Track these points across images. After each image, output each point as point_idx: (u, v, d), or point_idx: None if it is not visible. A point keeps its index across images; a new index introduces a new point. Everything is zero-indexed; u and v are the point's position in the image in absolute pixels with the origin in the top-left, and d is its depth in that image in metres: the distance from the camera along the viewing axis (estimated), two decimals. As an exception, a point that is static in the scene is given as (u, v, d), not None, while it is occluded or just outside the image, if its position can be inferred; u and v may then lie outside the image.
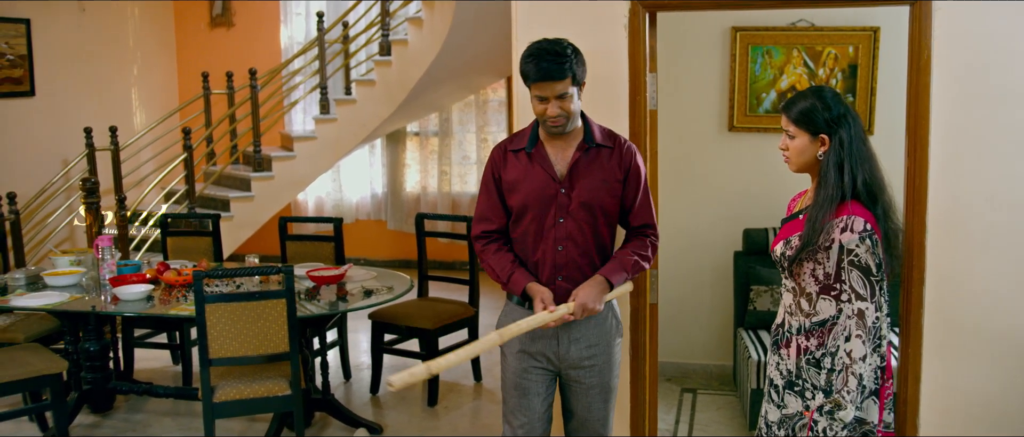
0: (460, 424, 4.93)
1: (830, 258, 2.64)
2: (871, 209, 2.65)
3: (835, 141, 2.64)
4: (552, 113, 2.86)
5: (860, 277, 2.61)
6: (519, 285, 2.96)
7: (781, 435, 2.79)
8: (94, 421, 5.01)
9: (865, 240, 2.59)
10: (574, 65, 2.82)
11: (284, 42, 8.98)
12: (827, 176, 2.64)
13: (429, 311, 5.22)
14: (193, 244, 5.83)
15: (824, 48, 5.19)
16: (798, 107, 2.69)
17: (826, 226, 2.61)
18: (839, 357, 2.63)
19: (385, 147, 9.00)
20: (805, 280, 2.71)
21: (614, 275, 2.96)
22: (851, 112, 2.68)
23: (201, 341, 3.96)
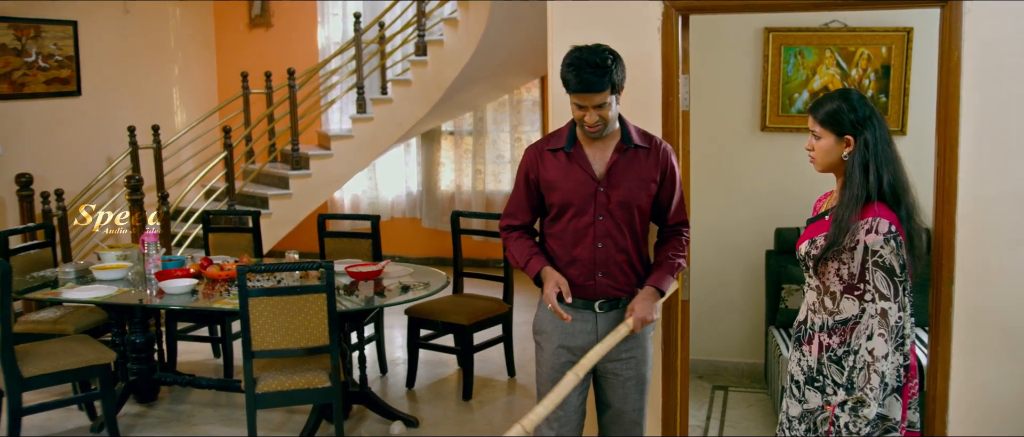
0: (494, 418, 5.03)
1: (855, 258, 2.69)
2: (895, 210, 2.69)
3: (860, 142, 2.69)
4: (590, 121, 2.95)
5: (884, 278, 2.65)
6: (534, 269, 3.07)
7: (802, 429, 2.85)
8: (140, 411, 5.17)
9: (890, 242, 2.64)
10: (614, 75, 2.89)
11: (321, 42, 9.12)
12: (852, 176, 2.69)
13: (464, 307, 5.32)
14: (234, 240, 5.97)
15: (857, 49, 5.22)
16: (825, 109, 2.75)
17: (852, 227, 2.66)
18: (861, 355, 2.68)
19: (420, 146, 9.12)
20: (830, 279, 2.77)
21: (663, 282, 3.08)
22: (877, 114, 2.73)
23: (244, 334, 4.09)
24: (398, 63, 8.07)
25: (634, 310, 3.01)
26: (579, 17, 3.45)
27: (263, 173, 7.99)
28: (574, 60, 2.90)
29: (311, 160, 7.66)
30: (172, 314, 5.63)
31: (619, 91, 2.96)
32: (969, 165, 3.23)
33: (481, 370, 5.63)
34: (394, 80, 7.57)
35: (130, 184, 6.82)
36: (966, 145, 3.22)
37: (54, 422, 5.01)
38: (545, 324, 3.16)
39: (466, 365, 5.30)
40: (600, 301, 3.09)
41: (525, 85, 8.49)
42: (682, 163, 3.46)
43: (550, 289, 2.98)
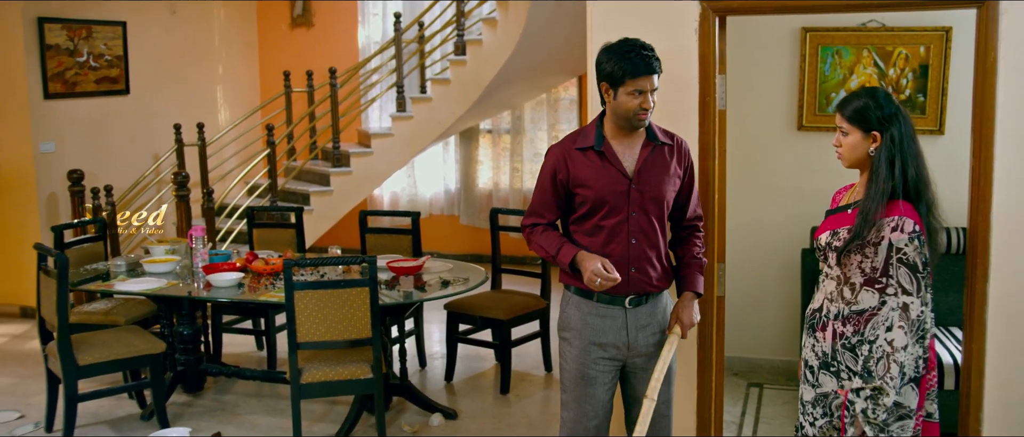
0: (531, 411, 5.12)
1: (879, 253, 2.77)
2: (916, 206, 2.78)
3: (886, 138, 2.78)
4: (647, 105, 3.00)
5: (908, 274, 2.74)
6: (568, 256, 3.09)
7: (818, 412, 2.92)
8: (187, 400, 5.32)
9: (914, 240, 2.73)
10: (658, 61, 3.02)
11: (362, 42, 9.27)
12: (879, 171, 2.77)
13: (503, 302, 5.41)
14: (277, 235, 6.12)
15: (895, 48, 5.23)
16: (852, 106, 2.84)
17: (877, 223, 2.74)
18: (879, 345, 2.76)
19: (458, 144, 9.23)
20: (851, 270, 2.84)
21: (698, 285, 3.21)
22: (902, 112, 2.81)
23: (290, 326, 4.22)
24: (437, 62, 8.18)
25: (680, 318, 3.15)
26: (617, 17, 3.52)
27: (305, 170, 8.14)
28: (626, 48, 2.97)
29: (352, 158, 7.80)
30: (217, 307, 5.79)
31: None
32: (1004, 164, 3.26)
33: (518, 365, 5.73)
34: (433, 79, 7.68)
35: (177, 180, 7.02)
36: (1001, 144, 3.25)
37: (105, 409, 5.17)
38: (573, 321, 3.22)
39: (504, 360, 5.39)
40: (631, 296, 3.16)
41: (562, 84, 8.56)
42: (718, 162, 3.52)
43: (593, 264, 2.99)
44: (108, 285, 4.98)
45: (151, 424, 4.92)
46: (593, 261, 3.01)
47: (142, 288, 4.85)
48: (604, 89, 3.07)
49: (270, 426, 4.92)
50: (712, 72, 3.39)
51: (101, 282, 5.08)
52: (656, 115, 3.23)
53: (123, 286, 4.92)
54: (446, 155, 9.33)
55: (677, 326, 3.16)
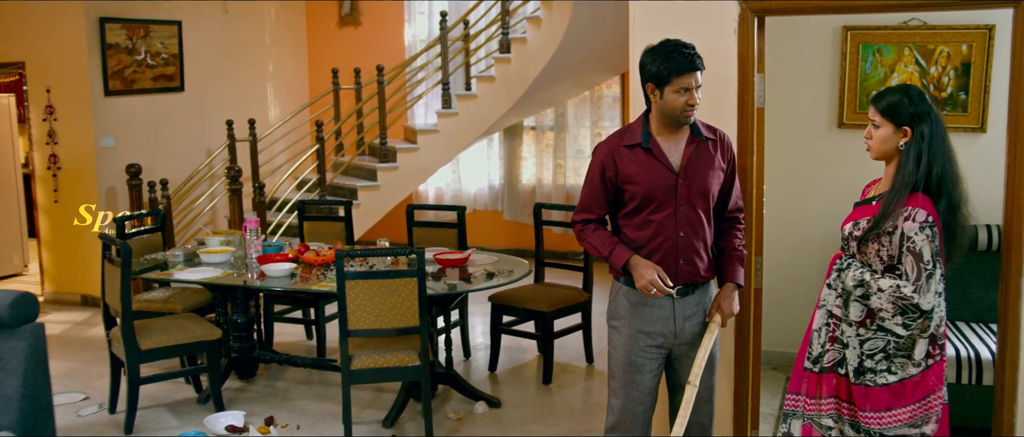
0: (573, 401, 5.24)
1: (893, 242, 2.92)
2: (936, 203, 2.89)
3: (916, 134, 2.89)
4: (693, 102, 3.13)
5: (913, 262, 2.87)
6: (620, 259, 3.23)
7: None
8: (240, 386, 5.53)
9: (924, 230, 2.85)
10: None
11: (408, 40, 9.45)
12: (905, 165, 2.90)
13: (546, 295, 5.54)
14: (326, 228, 6.31)
15: (936, 46, 5.26)
16: (887, 100, 2.96)
17: (894, 213, 2.86)
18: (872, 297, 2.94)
19: (502, 140, 9.37)
20: (871, 258, 2.99)
21: (739, 276, 3.33)
22: (934, 111, 2.92)
23: (341, 314, 4.38)
24: (482, 60, 8.32)
25: (721, 307, 3.29)
26: (659, 17, 3.63)
27: (352, 166, 8.33)
28: (670, 49, 3.10)
29: (398, 153, 7.97)
30: (269, 296, 5.99)
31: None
32: (1040, 161, 3.31)
33: (560, 356, 5.86)
34: (478, 76, 7.83)
35: (230, 175, 7.25)
36: (1037, 142, 3.30)
37: (164, 393, 5.40)
38: (622, 310, 3.34)
39: (546, 351, 5.52)
40: (678, 287, 3.27)
41: (606, 82, 8.66)
42: (756, 158, 3.62)
43: (650, 275, 3.14)
44: (167, 274, 5.20)
45: (207, 407, 5.13)
46: (648, 270, 3.15)
47: (200, 277, 5.06)
48: (650, 90, 3.18)
49: (320, 411, 5.10)
50: (751, 71, 3.48)
51: (159, 272, 5.30)
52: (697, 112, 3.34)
53: (181, 275, 5.13)
54: (490, 151, 9.48)
55: (718, 315, 3.28)
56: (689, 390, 3.16)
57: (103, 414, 5.10)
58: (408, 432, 4.79)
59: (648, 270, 3.15)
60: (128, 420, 4.80)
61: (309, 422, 4.94)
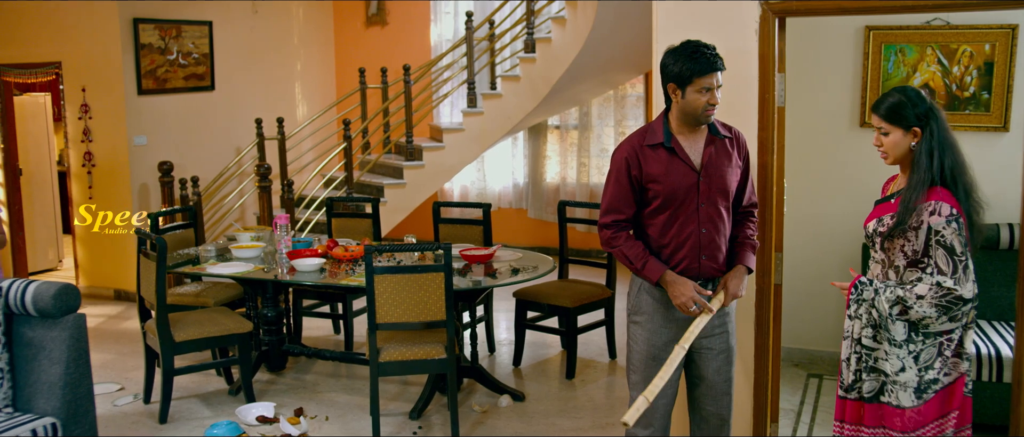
0: (595, 395, 5.33)
1: (919, 237, 2.96)
2: (954, 192, 2.94)
3: (926, 132, 2.96)
4: (714, 101, 3.20)
5: (945, 255, 2.92)
6: (655, 274, 3.29)
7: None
8: (270, 378, 5.66)
9: (951, 223, 2.91)
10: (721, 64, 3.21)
11: (434, 39, 9.56)
12: (919, 162, 2.97)
13: (569, 291, 5.63)
14: (354, 225, 6.43)
15: (959, 46, 5.30)
16: (888, 104, 3.03)
17: (916, 209, 2.91)
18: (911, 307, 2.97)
19: (527, 139, 9.46)
20: (895, 254, 3.04)
21: (750, 260, 3.39)
22: (934, 107, 3.01)
23: (370, 308, 4.49)
24: (507, 60, 8.41)
25: (727, 286, 3.32)
26: (682, 18, 3.71)
27: (379, 164, 8.45)
28: (691, 49, 3.16)
29: (424, 151, 8.07)
30: (298, 291, 6.11)
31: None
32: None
33: (583, 352, 5.94)
34: (503, 76, 7.92)
35: (259, 172, 7.38)
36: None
37: (196, 384, 5.53)
38: (644, 306, 3.42)
39: (570, 346, 5.61)
40: (700, 281, 3.35)
41: (630, 81, 8.72)
42: (777, 156, 3.68)
43: (689, 292, 3.23)
44: (200, 269, 5.33)
45: (238, 399, 5.26)
46: (686, 287, 3.23)
47: (232, 271, 5.19)
48: (672, 90, 3.25)
49: (348, 403, 5.22)
50: (771, 71, 3.55)
51: (191, 266, 5.43)
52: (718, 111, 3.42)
53: (214, 269, 5.26)
54: (515, 150, 9.57)
55: (722, 293, 3.30)
56: (677, 350, 3.19)
57: (138, 404, 5.24)
58: (434, 424, 4.89)
59: (686, 287, 3.24)
60: (163, 410, 4.94)
61: (337, 414, 5.05)
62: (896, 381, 3.02)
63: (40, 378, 3.69)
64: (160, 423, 4.93)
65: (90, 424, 3.81)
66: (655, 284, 3.33)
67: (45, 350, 3.70)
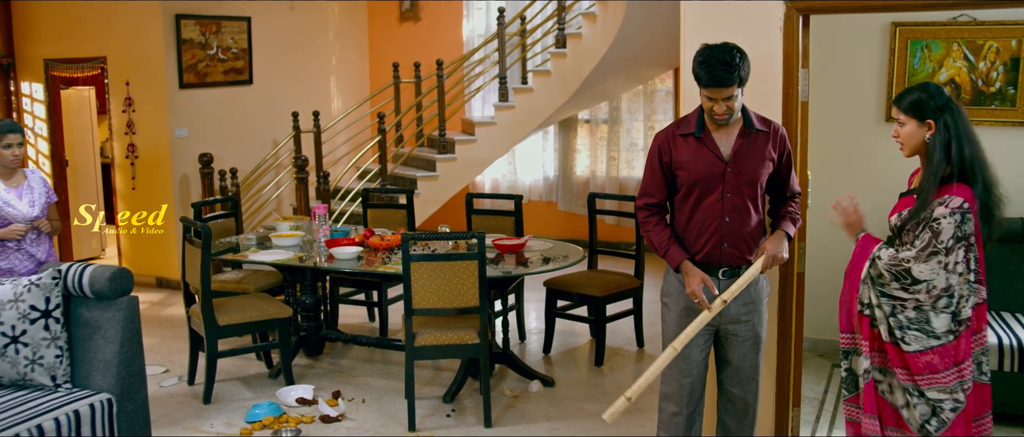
0: (624, 382, 5.47)
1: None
2: (972, 187, 3.03)
3: (940, 125, 3.07)
4: (719, 111, 3.35)
5: (929, 237, 3.05)
6: (675, 260, 3.47)
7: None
8: (308, 363, 5.86)
9: (954, 215, 3.02)
10: (740, 71, 3.28)
11: (466, 35, 9.72)
12: (933, 155, 3.08)
13: (598, 281, 5.77)
14: (389, 215, 6.61)
15: (985, 41, 5.37)
16: (908, 99, 3.15)
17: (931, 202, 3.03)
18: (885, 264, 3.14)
19: (557, 133, 9.60)
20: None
21: (789, 228, 3.53)
22: (954, 102, 3.12)
23: (406, 294, 4.66)
24: (538, 55, 8.55)
25: (766, 248, 3.44)
26: (709, 16, 3.83)
27: (412, 156, 8.62)
28: (705, 58, 3.28)
29: (457, 145, 8.24)
30: (335, 279, 6.30)
31: (744, 84, 3.34)
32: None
33: (612, 340, 6.08)
34: (534, 71, 8.06)
35: (297, 164, 7.59)
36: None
37: (237, 367, 5.75)
38: (673, 289, 3.59)
39: (598, 335, 5.76)
40: (724, 268, 3.49)
41: (659, 76, 8.83)
42: (801, 148, 3.80)
43: (697, 285, 3.40)
44: (242, 256, 5.53)
45: (278, 382, 5.46)
46: (695, 280, 3.41)
47: (273, 259, 5.38)
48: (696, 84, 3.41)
49: (383, 387, 5.40)
50: (795, 67, 3.67)
51: (233, 254, 5.63)
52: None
53: (255, 257, 5.46)
54: (545, 144, 9.71)
55: (763, 256, 3.43)
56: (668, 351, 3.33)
57: (183, 386, 5.46)
58: (466, 408, 5.06)
59: (694, 280, 3.41)
60: (207, 391, 5.15)
61: (373, 397, 5.23)
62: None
63: (96, 356, 3.90)
64: (204, 403, 5.14)
65: (142, 401, 4.02)
66: (674, 271, 3.49)
67: (101, 330, 3.91)
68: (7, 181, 4.63)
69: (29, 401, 3.70)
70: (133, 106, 7.94)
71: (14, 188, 4.63)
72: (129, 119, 7.97)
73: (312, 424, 4.83)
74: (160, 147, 7.88)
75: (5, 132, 4.58)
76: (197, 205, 6.08)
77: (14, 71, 8.58)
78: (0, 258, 4.56)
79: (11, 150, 4.57)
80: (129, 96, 7.93)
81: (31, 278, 3.88)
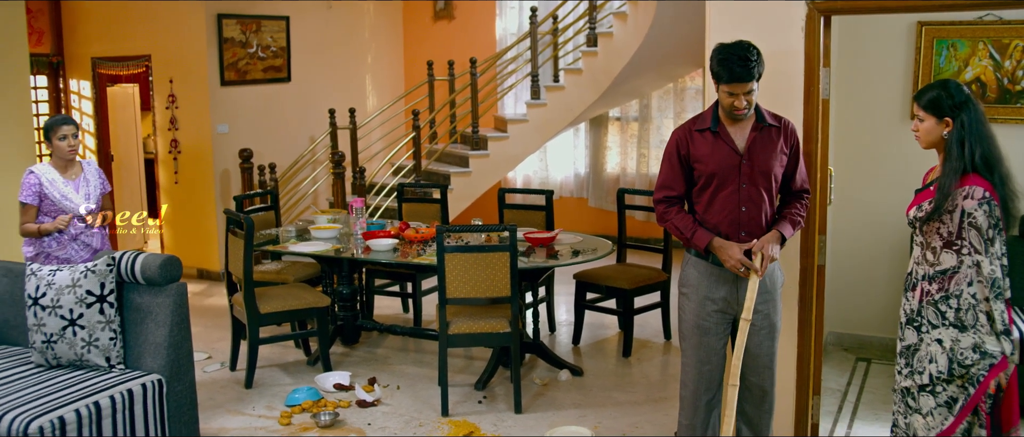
0: (651, 372, 5.61)
1: (954, 219, 3.19)
2: (989, 179, 3.14)
3: (957, 123, 3.18)
4: (739, 106, 3.50)
5: (977, 235, 3.15)
6: (702, 241, 3.61)
7: (902, 363, 3.34)
8: (344, 351, 6.06)
9: (982, 205, 3.13)
10: (757, 67, 3.44)
11: (499, 33, 9.88)
12: (951, 151, 3.19)
13: (627, 274, 5.92)
14: (423, 210, 6.80)
15: (1011, 41, 5.44)
16: (927, 96, 3.25)
17: (952, 194, 3.14)
18: (965, 298, 3.16)
19: (588, 130, 9.74)
20: (932, 236, 3.26)
21: (785, 229, 3.63)
22: (972, 100, 3.20)
23: (440, 284, 4.84)
24: (570, 53, 8.69)
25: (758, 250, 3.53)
26: (733, 16, 3.96)
27: (446, 153, 8.80)
28: (725, 57, 3.44)
29: (489, 141, 8.41)
30: (370, 271, 6.50)
31: (759, 79, 3.48)
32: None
33: (640, 332, 6.23)
34: (566, 69, 8.20)
35: (333, 159, 7.80)
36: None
37: (276, 354, 5.96)
38: (691, 279, 3.74)
39: (626, 327, 5.90)
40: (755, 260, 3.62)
41: (689, 74, 8.94)
42: (821, 145, 3.91)
43: (737, 253, 3.52)
44: (283, 247, 5.74)
45: (315, 368, 5.67)
46: (734, 249, 3.54)
47: (313, 249, 5.58)
48: (714, 83, 3.56)
49: (417, 374, 5.58)
50: (817, 66, 3.79)
51: (273, 245, 5.84)
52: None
53: (295, 248, 5.67)
54: (577, 141, 9.86)
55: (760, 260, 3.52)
56: (743, 325, 3.51)
57: (225, 371, 5.68)
58: (497, 395, 5.23)
59: (734, 250, 3.53)
60: (248, 376, 5.36)
61: (407, 383, 5.42)
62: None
63: (147, 339, 4.12)
64: (246, 388, 5.35)
65: (190, 382, 4.23)
66: (704, 251, 3.62)
67: (152, 314, 4.13)
68: (64, 174, 4.86)
69: (86, 380, 3.92)
70: (176, 103, 8.20)
71: (71, 181, 4.87)
72: (172, 115, 8.23)
73: (349, 408, 5.02)
74: (202, 143, 8.13)
75: (59, 124, 4.81)
76: (239, 198, 6.31)
77: (63, 69, 8.88)
78: (58, 248, 4.80)
79: (66, 142, 4.80)
80: (172, 93, 8.19)
81: (87, 265, 4.10)
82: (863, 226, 5.73)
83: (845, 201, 5.70)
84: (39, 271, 4.12)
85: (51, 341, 4.04)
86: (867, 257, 5.79)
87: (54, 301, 4.02)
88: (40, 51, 8.64)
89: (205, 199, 8.20)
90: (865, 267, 5.80)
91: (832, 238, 5.78)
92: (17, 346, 4.42)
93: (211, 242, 8.21)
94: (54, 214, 4.79)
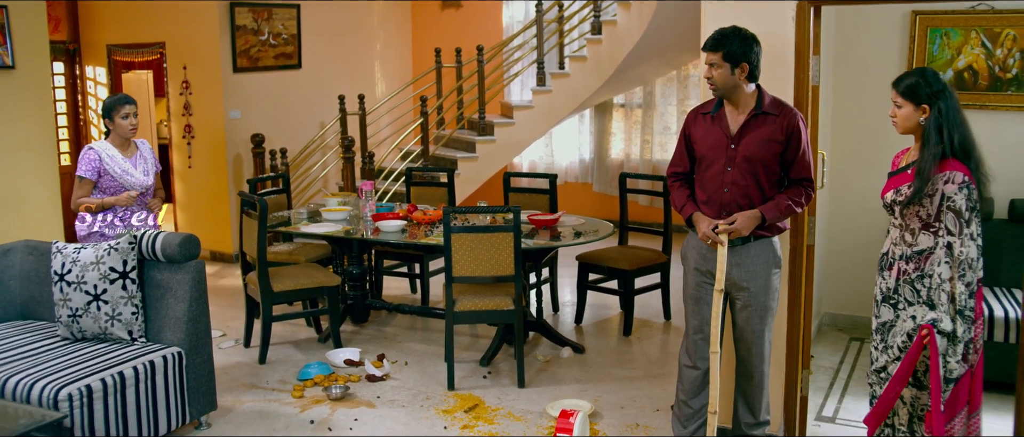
0: (650, 351, 5.80)
1: (933, 203, 3.34)
2: (967, 164, 3.30)
3: (935, 109, 3.33)
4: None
5: (954, 218, 3.30)
6: (687, 213, 3.93)
7: (878, 340, 3.52)
8: (354, 330, 6.26)
9: (962, 189, 3.28)
10: (730, 44, 3.66)
11: (505, 21, 10.05)
12: (929, 137, 3.34)
13: (628, 256, 6.10)
14: (431, 193, 6.99)
15: (1003, 29, 5.59)
16: (905, 83, 3.40)
17: (932, 178, 3.30)
18: (934, 278, 3.32)
19: (593, 117, 9.90)
20: (911, 219, 3.41)
21: (768, 211, 3.77)
22: (948, 88, 3.36)
23: (447, 263, 5.03)
24: (575, 41, 8.85)
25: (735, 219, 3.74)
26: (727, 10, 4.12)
27: (453, 138, 8.98)
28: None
29: (495, 127, 8.58)
30: (379, 252, 6.70)
31: (738, 64, 3.67)
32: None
33: (640, 313, 6.42)
34: (571, 56, 8.37)
35: (343, 144, 7.99)
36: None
37: (288, 332, 6.17)
38: (688, 252, 4.00)
39: (627, 307, 6.09)
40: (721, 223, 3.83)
41: (692, 62, 9.08)
42: (811, 128, 4.07)
43: (706, 227, 3.77)
44: (295, 228, 5.94)
45: (326, 345, 5.87)
46: (702, 223, 3.82)
47: (324, 231, 5.78)
48: None
49: (424, 351, 5.78)
50: (806, 54, 3.95)
51: (285, 227, 6.03)
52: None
53: (307, 229, 5.86)
54: (581, 127, 10.03)
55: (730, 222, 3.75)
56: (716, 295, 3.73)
57: (239, 348, 5.88)
58: (502, 370, 5.42)
59: (702, 223, 3.82)
60: (262, 352, 5.57)
61: (415, 360, 5.62)
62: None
63: (167, 314, 4.32)
64: (260, 363, 5.56)
65: (208, 355, 4.44)
66: (687, 223, 3.93)
67: (171, 290, 4.33)
68: (123, 151, 5.07)
69: (110, 352, 4.13)
70: (190, 89, 8.39)
71: (129, 158, 5.07)
72: (186, 101, 8.43)
73: (359, 383, 5.23)
74: (215, 128, 8.32)
75: (122, 103, 5.02)
76: (252, 181, 6.50)
77: (79, 56, 9.08)
78: (110, 231, 4.97)
79: (128, 120, 5.01)
80: (186, 79, 8.38)
81: (110, 243, 4.31)
82: (858, 209, 5.90)
83: (841, 185, 5.87)
84: (64, 249, 4.33)
85: (76, 315, 4.25)
86: (862, 239, 5.96)
87: (79, 277, 4.23)
88: (57, 38, 8.84)
89: (218, 183, 8.40)
90: (860, 249, 5.97)
91: (829, 221, 5.97)
92: (43, 320, 4.63)
93: (224, 225, 8.41)
94: (115, 190, 4.98)
